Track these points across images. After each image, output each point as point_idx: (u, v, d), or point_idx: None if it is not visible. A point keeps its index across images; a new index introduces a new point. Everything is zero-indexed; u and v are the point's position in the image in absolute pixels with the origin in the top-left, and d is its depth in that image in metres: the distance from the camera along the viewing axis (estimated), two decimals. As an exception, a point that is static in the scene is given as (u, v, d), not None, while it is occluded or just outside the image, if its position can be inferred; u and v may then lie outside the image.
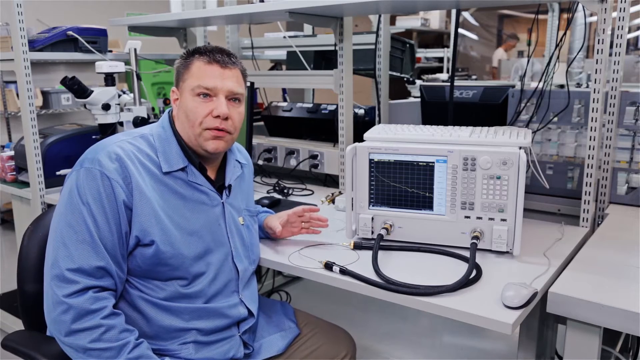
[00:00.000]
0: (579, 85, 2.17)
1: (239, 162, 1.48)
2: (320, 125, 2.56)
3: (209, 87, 1.28)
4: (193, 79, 1.29)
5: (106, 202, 1.18)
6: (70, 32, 2.37)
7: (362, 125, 2.27)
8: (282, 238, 1.60)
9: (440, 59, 6.34)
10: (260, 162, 2.53)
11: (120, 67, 2.16)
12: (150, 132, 1.33)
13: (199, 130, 1.29)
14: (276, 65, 3.52)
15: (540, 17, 2.02)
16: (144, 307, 1.24)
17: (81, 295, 1.13)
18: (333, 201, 2.02)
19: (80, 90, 2.08)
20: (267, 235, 1.62)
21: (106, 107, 2.14)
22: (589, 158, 1.63)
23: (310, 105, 2.65)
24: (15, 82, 3.67)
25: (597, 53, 1.56)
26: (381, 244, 1.46)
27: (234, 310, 1.33)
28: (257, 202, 1.96)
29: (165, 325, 1.24)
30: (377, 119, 2.41)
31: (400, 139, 1.55)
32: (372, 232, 1.55)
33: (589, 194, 1.65)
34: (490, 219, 1.43)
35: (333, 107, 2.52)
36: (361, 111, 2.44)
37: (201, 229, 1.30)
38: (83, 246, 1.15)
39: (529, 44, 2.14)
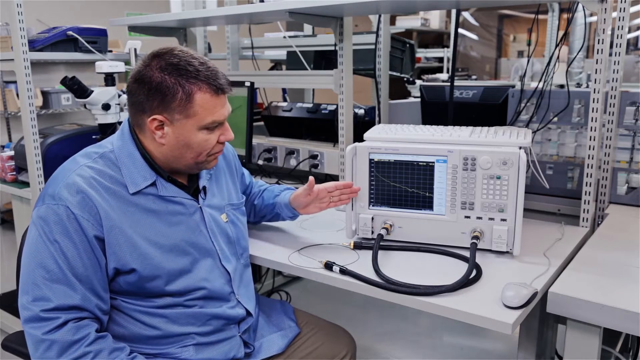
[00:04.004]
0: (579, 85, 2.17)
1: None
2: (320, 125, 2.56)
3: (221, 120, 1.24)
4: (203, 115, 1.19)
5: (75, 237, 1.13)
6: (70, 32, 2.37)
7: (362, 125, 2.26)
8: (309, 214, 1.57)
9: (440, 59, 6.35)
10: (260, 162, 2.52)
11: (120, 67, 2.16)
12: (111, 149, 1.23)
13: (205, 158, 1.26)
14: (276, 65, 3.52)
15: (540, 17, 2.02)
16: (142, 317, 1.22)
17: (61, 328, 1.09)
18: (333, 201, 2.02)
19: (80, 90, 2.08)
20: (293, 214, 1.58)
21: (106, 107, 2.14)
22: (589, 158, 1.63)
23: (310, 105, 2.65)
24: (15, 82, 3.67)
25: (597, 53, 1.56)
26: (381, 244, 1.46)
27: (232, 312, 1.32)
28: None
29: (164, 331, 1.23)
30: (377, 119, 2.41)
31: (400, 139, 1.55)
32: (372, 232, 1.55)
33: (589, 194, 1.65)
34: (490, 219, 1.43)
35: (333, 107, 2.52)
36: (361, 111, 2.44)
37: (181, 242, 1.25)
38: (57, 286, 1.11)
39: (529, 44, 2.14)
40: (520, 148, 1.42)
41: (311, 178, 1.51)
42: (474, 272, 1.29)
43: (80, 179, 1.16)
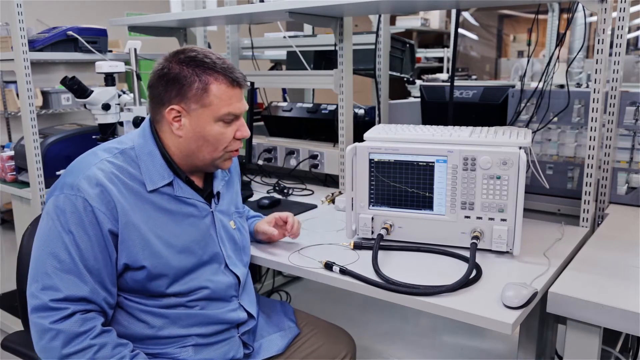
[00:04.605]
0: (579, 85, 2.17)
1: None
2: (320, 125, 2.56)
3: (237, 114, 1.24)
4: (218, 106, 1.21)
5: (90, 229, 1.13)
6: (70, 32, 2.37)
7: (362, 125, 2.26)
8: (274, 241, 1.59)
9: (440, 59, 6.34)
10: (260, 162, 2.53)
11: (120, 67, 2.16)
12: (131, 146, 1.25)
13: (221, 153, 1.26)
14: (276, 65, 3.52)
15: (540, 17, 2.02)
16: (143, 316, 1.22)
17: (68, 319, 1.10)
18: (333, 201, 2.02)
19: (80, 90, 2.08)
20: (260, 241, 1.59)
21: (106, 107, 2.14)
22: (589, 158, 1.63)
23: (310, 105, 2.65)
24: (15, 82, 3.67)
25: (597, 53, 1.56)
26: (381, 244, 1.46)
27: (234, 315, 1.32)
28: (257, 202, 1.97)
29: (165, 331, 1.23)
30: (377, 119, 2.41)
31: (400, 139, 1.55)
32: (372, 232, 1.55)
33: (589, 194, 1.65)
34: (490, 219, 1.43)
35: (333, 107, 2.52)
36: (361, 111, 2.44)
37: (192, 244, 1.26)
38: (68, 276, 1.11)
39: (529, 44, 2.14)
40: (520, 148, 1.42)
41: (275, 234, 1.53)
42: (474, 272, 1.29)
43: (101, 172, 1.17)
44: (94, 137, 2.17)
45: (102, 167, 1.18)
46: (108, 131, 2.18)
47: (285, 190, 2.22)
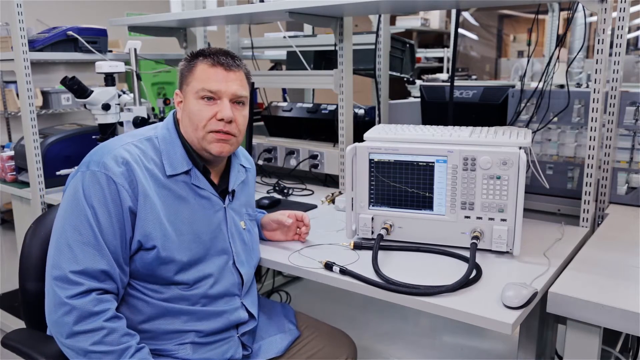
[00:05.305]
0: (579, 85, 2.17)
1: (244, 167, 1.48)
2: (320, 125, 2.56)
3: (212, 90, 1.27)
4: (197, 82, 1.28)
5: (112, 206, 1.18)
6: (70, 32, 2.37)
7: (362, 125, 2.27)
8: (272, 240, 1.60)
9: (440, 59, 6.34)
10: (260, 162, 2.52)
11: (120, 67, 2.16)
12: (155, 135, 1.32)
13: (203, 133, 1.28)
14: (276, 65, 3.52)
15: (540, 17, 2.02)
16: (144, 307, 1.23)
17: (84, 296, 1.12)
18: (333, 201, 2.02)
19: (80, 90, 2.08)
20: (260, 235, 1.60)
21: (106, 107, 2.14)
22: (589, 158, 1.63)
23: (310, 105, 2.65)
24: (15, 82, 3.67)
25: (597, 53, 1.56)
26: (381, 244, 1.46)
27: (235, 314, 1.33)
28: (257, 202, 1.96)
29: (164, 326, 1.24)
30: (377, 119, 2.41)
31: (400, 139, 1.55)
32: (372, 232, 1.55)
33: (589, 194, 1.65)
34: (490, 219, 1.43)
35: (333, 107, 2.52)
36: (361, 111, 2.44)
37: (202, 234, 1.29)
38: (87, 249, 1.15)
39: (529, 44, 2.14)
40: (520, 148, 1.42)
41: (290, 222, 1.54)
42: (474, 272, 1.29)
43: (127, 153, 1.23)
44: (94, 137, 2.17)
45: (128, 149, 1.25)
46: (108, 131, 2.18)
47: (285, 190, 2.22)
